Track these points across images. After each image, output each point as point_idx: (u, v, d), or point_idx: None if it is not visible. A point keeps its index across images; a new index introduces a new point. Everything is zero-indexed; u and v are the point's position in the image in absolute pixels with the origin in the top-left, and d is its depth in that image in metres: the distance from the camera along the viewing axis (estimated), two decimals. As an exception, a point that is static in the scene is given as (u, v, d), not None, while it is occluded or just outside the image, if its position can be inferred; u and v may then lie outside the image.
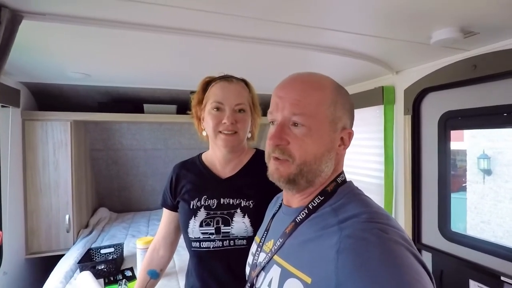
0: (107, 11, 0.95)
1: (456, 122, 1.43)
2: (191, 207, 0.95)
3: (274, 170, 0.61)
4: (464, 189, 7.52)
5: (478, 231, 6.74)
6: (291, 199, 0.66)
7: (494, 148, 6.77)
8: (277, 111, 0.61)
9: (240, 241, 0.91)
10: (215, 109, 0.92)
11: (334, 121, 0.60)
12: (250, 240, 0.84)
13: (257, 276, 0.65)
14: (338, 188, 0.61)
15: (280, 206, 0.73)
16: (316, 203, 0.60)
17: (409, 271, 0.44)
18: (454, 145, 1.50)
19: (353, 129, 0.65)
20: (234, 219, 0.91)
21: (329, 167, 0.61)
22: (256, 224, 0.88)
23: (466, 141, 7.39)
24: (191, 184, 0.99)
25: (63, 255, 2.06)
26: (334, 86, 0.62)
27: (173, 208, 1.04)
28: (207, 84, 0.98)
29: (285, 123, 0.60)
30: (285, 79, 0.64)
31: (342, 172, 0.65)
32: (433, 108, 1.51)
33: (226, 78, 0.96)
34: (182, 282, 1.63)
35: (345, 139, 0.62)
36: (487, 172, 6.86)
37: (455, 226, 1.48)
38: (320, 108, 0.59)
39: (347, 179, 0.65)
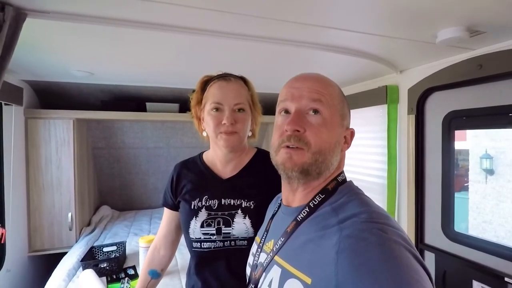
0: (111, 9, 0.95)
1: (461, 122, 1.42)
2: (192, 207, 0.94)
3: (287, 159, 0.59)
4: (466, 188, 7.51)
5: (480, 231, 6.73)
6: (292, 197, 0.66)
7: (496, 147, 6.75)
8: (292, 100, 0.61)
9: (241, 241, 0.91)
10: (214, 110, 0.90)
11: (343, 117, 0.64)
12: (251, 240, 0.84)
13: (260, 277, 0.64)
14: (339, 187, 0.62)
15: (279, 206, 0.73)
16: (317, 201, 0.60)
17: (408, 271, 0.44)
18: (456, 145, 1.50)
19: (356, 128, 0.68)
20: (235, 220, 0.91)
21: (336, 161, 0.62)
22: (257, 225, 0.88)
23: (468, 140, 7.37)
24: (192, 184, 0.99)
25: (65, 252, 2.06)
26: (339, 87, 0.66)
27: (174, 207, 1.03)
28: (205, 83, 0.96)
29: (302, 111, 0.60)
30: (297, 75, 0.66)
31: (343, 172, 0.66)
32: (438, 108, 1.50)
33: (224, 77, 0.94)
34: (184, 280, 1.62)
35: (348, 139, 0.65)
36: (490, 171, 6.84)
37: (457, 226, 1.47)
38: (335, 100, 0.62)
39: (348, 179, 0.66)
